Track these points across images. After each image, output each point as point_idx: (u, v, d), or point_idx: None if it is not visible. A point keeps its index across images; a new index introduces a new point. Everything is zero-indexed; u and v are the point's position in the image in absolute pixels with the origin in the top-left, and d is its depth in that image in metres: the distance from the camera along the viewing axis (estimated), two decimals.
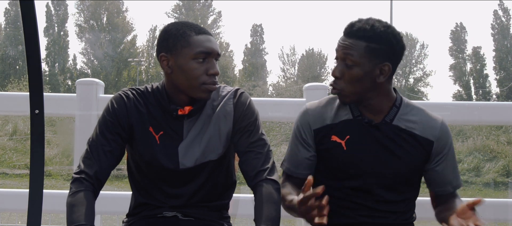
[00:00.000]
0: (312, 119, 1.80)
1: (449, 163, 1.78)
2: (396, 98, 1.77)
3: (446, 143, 1.77)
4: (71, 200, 1.63)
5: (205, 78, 1.68)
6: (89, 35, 34.93)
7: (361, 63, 1.66)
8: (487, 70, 35.46)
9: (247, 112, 1.76)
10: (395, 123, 1.75)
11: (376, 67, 1.67)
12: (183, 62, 1.68)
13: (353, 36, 1.67)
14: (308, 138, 1.80)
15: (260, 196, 1.66)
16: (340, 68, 1.70)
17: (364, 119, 1.74)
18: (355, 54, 1.66)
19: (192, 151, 1.74)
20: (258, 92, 24.90)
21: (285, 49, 42.32)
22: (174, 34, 1.69)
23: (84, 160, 1.71)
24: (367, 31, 1.66)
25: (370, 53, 1.66)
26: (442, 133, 1.76)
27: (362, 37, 1.66)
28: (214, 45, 1.70)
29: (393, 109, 1.75)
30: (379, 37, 1.66)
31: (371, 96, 1.72)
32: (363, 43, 1.66)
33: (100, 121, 1.76)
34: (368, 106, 1.74)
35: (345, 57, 1.68)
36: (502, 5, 34.61)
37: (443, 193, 1.80)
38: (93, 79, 2.66)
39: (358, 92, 1.70)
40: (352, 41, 1.67)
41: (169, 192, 1.77)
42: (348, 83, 1.69)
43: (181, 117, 1.74)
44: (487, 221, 2.66)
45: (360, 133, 1.75)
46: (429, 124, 1.76)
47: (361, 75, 1.67)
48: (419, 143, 1.74)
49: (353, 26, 1.69)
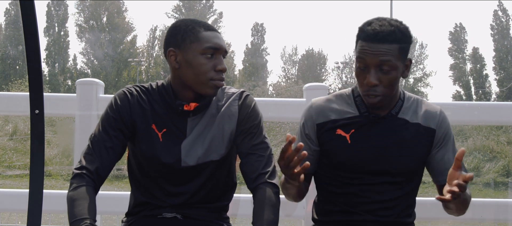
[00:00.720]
0: (316, 113, 1.81)
1: (450, 149, 1.80)
2: (400, 92, 1.80)
3: (446, 130, 1.79)
4: (72, 195, 1.62)
5: (213, 74, 1.69)
6: (89, 35, 34.93)
7: (397, 65, 1.68)
8: (487, 70, 35.47)
9: (251, 114, 1.77)
10: (400, 115, 1.77)
11: (404, 65, 1.71)
12: (191, 57, 1.68)
13: (386, 41, 1.66)
14: (310, 132, 1.81)
15: (259, 199, 1.66)
16: (377, 75, 1.67)
17: (371, 115, 1.76)
18: (392, 59, 1.66)
19: (195, 149, 1.74)
20: (258, 92, 24.89)
21: (287, 49, 42.31)
22: (183, 29, 1.70)
23: (85, 155, 1.71)
24: (396, 34, 1.67)
25: (402, 53, 1.68)
26: (441, 121, 1.80)
27: (394, 40, 1.66)
28: (222, 42, 1.72)
29: (398, 102, 1.78)
30: (406, 36, 1.69)
31: (394, 93, 1.75)
32: (396, 45, 1.66)
33: (102, 117, 1.76)
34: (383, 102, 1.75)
35: (381, 63, 1.66)
36: (501, 6, 34.63)
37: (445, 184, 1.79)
38: (93, 79, 2.66)
39: (392, 94, 1.72)
40: (387, 46, 1.65)
41: (169, 190, 1.77)
42: (388, 88, 1.69)
43: (185, 114, 1.74)
44: (487, 221, 2.68)
45: (365, 127, 1.76)
46: (430, 113, 1.80)
47: (398, 77, 1.70)
48: (422, 132, 1.77)
49: (381, 31, 1.66)
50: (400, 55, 1.67)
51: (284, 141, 1.50)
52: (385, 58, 1.65)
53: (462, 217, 1.80)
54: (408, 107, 1.79)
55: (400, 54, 1.67)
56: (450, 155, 1.78)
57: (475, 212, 2.61)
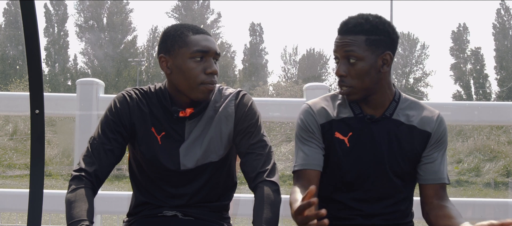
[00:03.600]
0: (317, 114, 1.79)
1: (441, 154, 1.80)
2: (395, 93, 1.79)
3: (441, 135, 1.79)
4: (71, 196, 1.63)
5: (204, 77, 1.68)
6: (89, 35, 34.94)
7: (364, 57, 1.68)
8: (487, 70, 35.49)
9: (248, 114, 1.77)
10: (395, 116, 1.76)
11: (378, 58, 1.69)
12: (181, 62, 1.68)
13: (351, 33, 1.69)
14: (315, 132, 1.79)
15: (259, 198, 1.66)
16: (344, 67, 1.70)
17: (366, 116, 1.75)
18: (357, 50, 1.67)
19: (193, 152, 1.74)
20: (259, 92, 24.88)
21: (288, 49, 42.31)
22: (172, 35, 1.71)
23: (84, 158, 1.72)
24: (363, 25, 1.68)
25: (371, 45, 1.68)
26: (438, 125, 1.79)
27: (360, 31, 1.68)
28: (212, 44, 1.71)
29: (392, 103, 1.77)
30: (376, 28, 1.69)
31: (375, 90, 1.73)
32: (362, 37, 1.68)
33: (102, 120, 1.77)
34: (370, 101, 1.75)
35: (347, 54, 1.69)
36: (504, 5, 34.62)
37: (432, 183, 1.79)
38: (93, 79, 2.66)
39: (366, 87, 1.71)
40: (351, 37, 1.68)
41: (170, 191, 1.78)
42: (356, 79, 1.69)
43: (183, 118, 1.74)
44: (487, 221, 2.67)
45: (362, 129, 1.75)
46: (427, 116, 1.79)
47: (367, 69, 1.68)
48: (417, 135, 1.76)
49: (348, 23, 1.70)
50: (368, 47, 1.67)
51: (284, 141, 1.49)
52: (349, 48, 1.68)
53: (462, 217, 1.80)
54: (403, 109, 1.78)
55: (368, 46, 1.67)
56: (439, 157, 1.78)
57: (475, 212, 2.61)
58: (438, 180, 1.78)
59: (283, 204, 1.76)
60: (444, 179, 1.79)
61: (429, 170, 1.78)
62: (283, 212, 1.82)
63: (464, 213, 2.58)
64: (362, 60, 1.68)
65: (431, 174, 1.79)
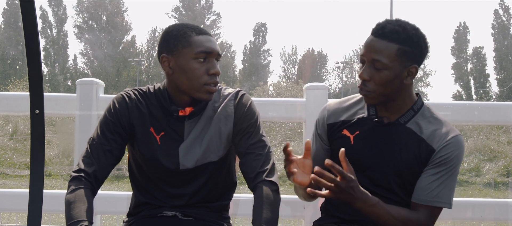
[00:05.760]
0: (328, 114, 1.82)
1: (441, 175, 1.69)
2: (416, 102, 1.75)
3: (447, 157, 1.68)
4: (70, 197, 1.63)
5: (207, 78, 1.69)
6: (89, 36, 34.94)
7: (392, 66, 1.64)
8: (488, 70, 35.47)
9: (247, 113, 1.77)
10: (409, 125, 1.72)
11: (404, 69, 1.66)
12: (184, 62, 1.68)
13: (385, 38, 1.64)
14: (321, 132, 1.83)
15: (258, 198, 1.67)
16: (369, 71, 1.66)
17: (378, 118, 1.74)
18: (385, 59, 1.63)
19: (193, 152, 1.74)
20: (259, 92, 24.88)
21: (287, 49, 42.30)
22: (175, 35, 1.70)
23: (83, 158, 1.72)
24: (400, 34, 1.63)
25: (401, 56, 1.64)
26: (446, 146, 1.69)
27: (395, 39, 1.63)
28: (214, 45, 1.71)
29: (409, 111, 1.73)
30: (411, 39, 1.64)
31: (395, 97, 1.70)
32: (395, 45, 1.63)
33: (101, 121, 1.77)
34: (388, 106, 1.73)
35: (374, 60, 1.65)
36: (502, 4, 34.60)
37: (416, 202, 1.70)
38: (93, 79, 2.66)
39: (386, 94, 1.68)
40: (384, 43, 1.64)
41: (169, 191, 1.78)
42: (378, 86, 1.66)
43: (182, 118, 1.74)
44: (487, 221, 2.67)
45: (370, 130, 1.75)
46: (440, 133, 1.71)
47: (391, 78, 1.65)
48: (423, 148, 1.71)
49: (384, 27, 1.65)
50: (398, 57, 1.63)
51: (284, 141, 1.50)
52: (377, 57, 1.64)
53: (462, 217, 1.79)
54: (420, 120, 1.73)
55: (398, 56, 1.63)
56: (436, 177, 1.68)
57: (475, 212, 2.61)
58: (424, 200, 1.68)
59: (283, 204, 1.76)
60: (433, 201, 1.68)
61: (417, 185, 1.71)
62: (283, 212, 1.82)
63: (464, 213, 2.59)
64: (389, 69, 1.64)
65: (417, 191, 1.70)
